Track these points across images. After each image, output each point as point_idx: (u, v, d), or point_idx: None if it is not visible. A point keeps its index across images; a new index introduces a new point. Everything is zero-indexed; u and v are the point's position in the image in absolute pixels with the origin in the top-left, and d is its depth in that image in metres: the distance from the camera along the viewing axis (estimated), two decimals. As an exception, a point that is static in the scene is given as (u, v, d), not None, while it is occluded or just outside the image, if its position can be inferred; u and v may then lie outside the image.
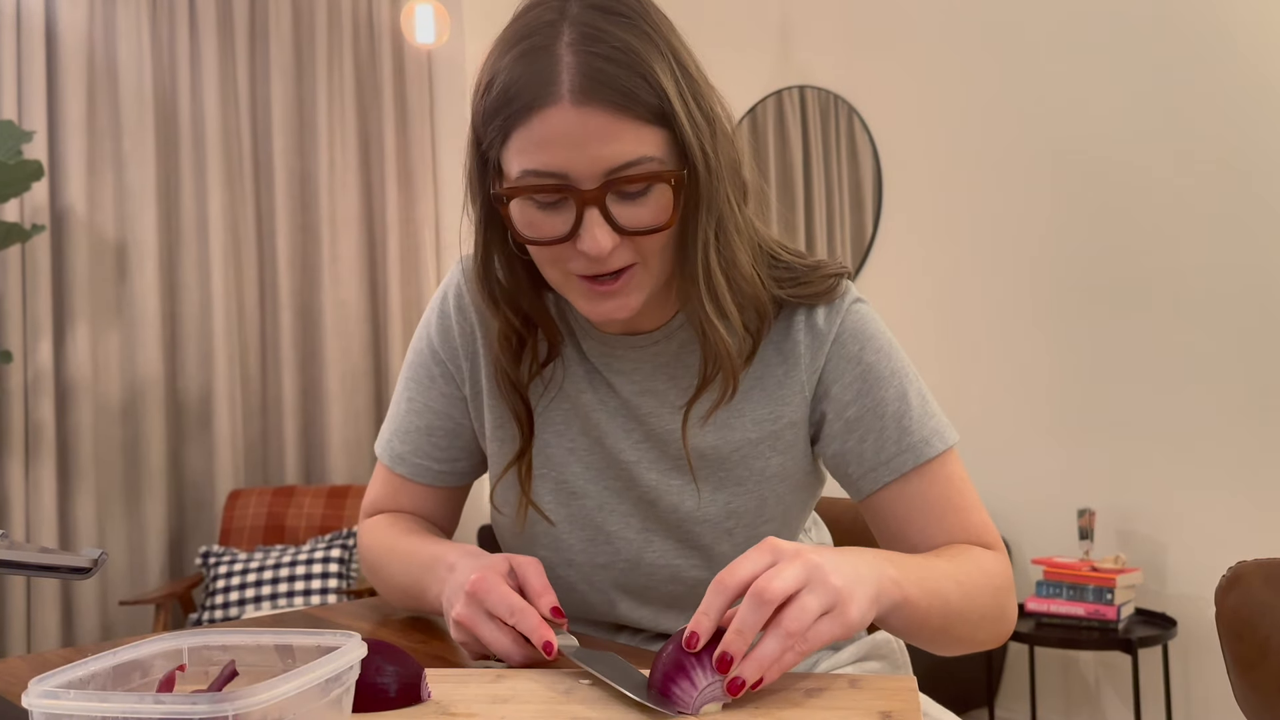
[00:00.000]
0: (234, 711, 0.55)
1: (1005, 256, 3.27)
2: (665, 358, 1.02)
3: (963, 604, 0.91)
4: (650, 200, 0.87)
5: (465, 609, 0.86)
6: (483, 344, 1.07)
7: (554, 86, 0.83)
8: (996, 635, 0.98)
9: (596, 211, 0.85)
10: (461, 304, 1.08)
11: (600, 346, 1.03)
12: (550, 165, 0.85)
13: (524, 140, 0.85)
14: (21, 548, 0.75)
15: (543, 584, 0.87)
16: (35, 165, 3.14)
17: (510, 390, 1.02)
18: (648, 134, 0.85)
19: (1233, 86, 2.79)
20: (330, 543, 3.53)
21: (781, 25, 3.82)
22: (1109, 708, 3.07)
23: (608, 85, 0.83)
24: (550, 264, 0.92)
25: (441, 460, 1.11)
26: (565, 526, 1.05)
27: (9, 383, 3.47)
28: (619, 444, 1.03)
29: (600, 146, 0.84)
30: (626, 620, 1.07)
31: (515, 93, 0.85)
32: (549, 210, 0.87)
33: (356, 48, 4.16)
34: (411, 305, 4.23)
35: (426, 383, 1.10)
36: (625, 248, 0.88)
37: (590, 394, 1.04)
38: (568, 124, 0.83)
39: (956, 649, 0.95)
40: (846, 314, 1.00)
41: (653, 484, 1.03)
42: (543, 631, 0.83)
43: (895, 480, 0.99)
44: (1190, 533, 2.89)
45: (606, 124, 0.83)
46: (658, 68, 0.85)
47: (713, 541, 1.03)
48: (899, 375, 1.00)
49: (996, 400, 3.28)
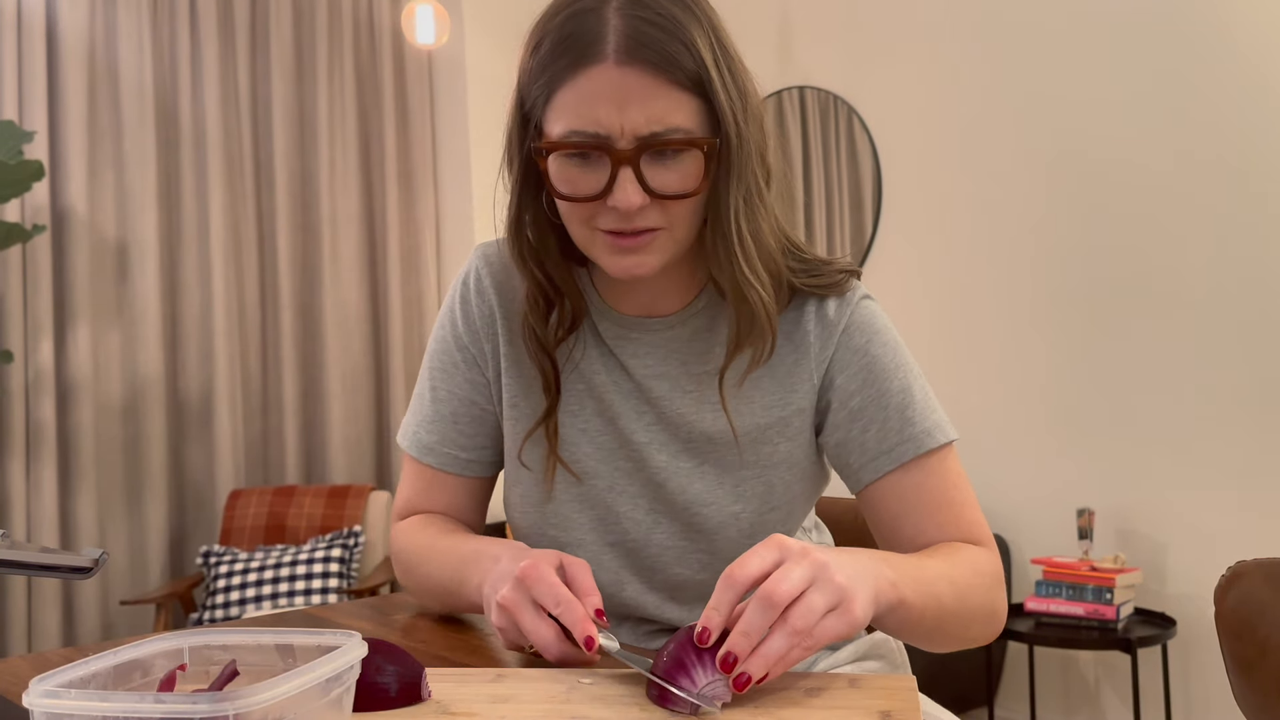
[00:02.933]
0: (234, 711, 0.55)
1: (1005, 256, 3.27)
2: (679, 343, 1.05)
3: (956, 603, 0.92)
4: (681, 165, 0.91)
5: (512, 593, 0.85)
6: (501, 324, 1.09)
7: (600, 45, 0.88)
8: (987, 632, 0.99)
9: (629, 170, 0.89)
10: (481, 287, 1.10)
11: (616, 328, 1.06)
12: (591, 122, 0.89)
13: (567, 97, 0.90)
14: (22, 547, 0.75)
15: (590, 584, 0.87)
16: (36, 165, 3.14)
17: (538, 349, 1.04)
18: (685, 100, 0.90)
19: (1233, 87, 2.79)
20: (331, 542, 3.53)
21: (781, 25, 3.82)
22: (1108, 707, 3.07)
23: (650, 47, 0.88)
24: (580, 221, 0.95)
25: (468, 448, 1.12)
26: (575, 506, 1.07)
27: (10, 382, 3.47)
28: (631, 425, 1.05)
29: (639, 107, 0.88)
30: (633, 606, 1.08)
31: (563, 50, 0.90)
32: (584, 167, 0.91)
33: (357, 48, 4.16)
34: (411, 305, 4.24)
35: (450, 369, 1.11)
36: (653, 209, 0.92)
37: (604, 375, 1.06)
38: (610, 82, 0.88)
39: (949, 646, 0.97)
40: (856, 307, 1.03)
41: (662, 465, 1.05)
42: (586, 626, 0.82)
43: (895, 470, 1.00)
44: (1190, 532, 2.89)
45: (647, 85, 0.88)
46: (698, 38, 0.90)
47: (719, 526, 1.04)
48: (903, 369, 1.02)
49: (996, 400, 3.28)
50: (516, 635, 0.87)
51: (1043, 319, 3.18)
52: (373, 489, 3.78)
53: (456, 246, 4.22)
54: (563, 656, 0.84)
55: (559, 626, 0.84)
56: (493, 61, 4.08)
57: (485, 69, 4.10)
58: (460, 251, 4.19)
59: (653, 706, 0.76)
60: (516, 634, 0.87)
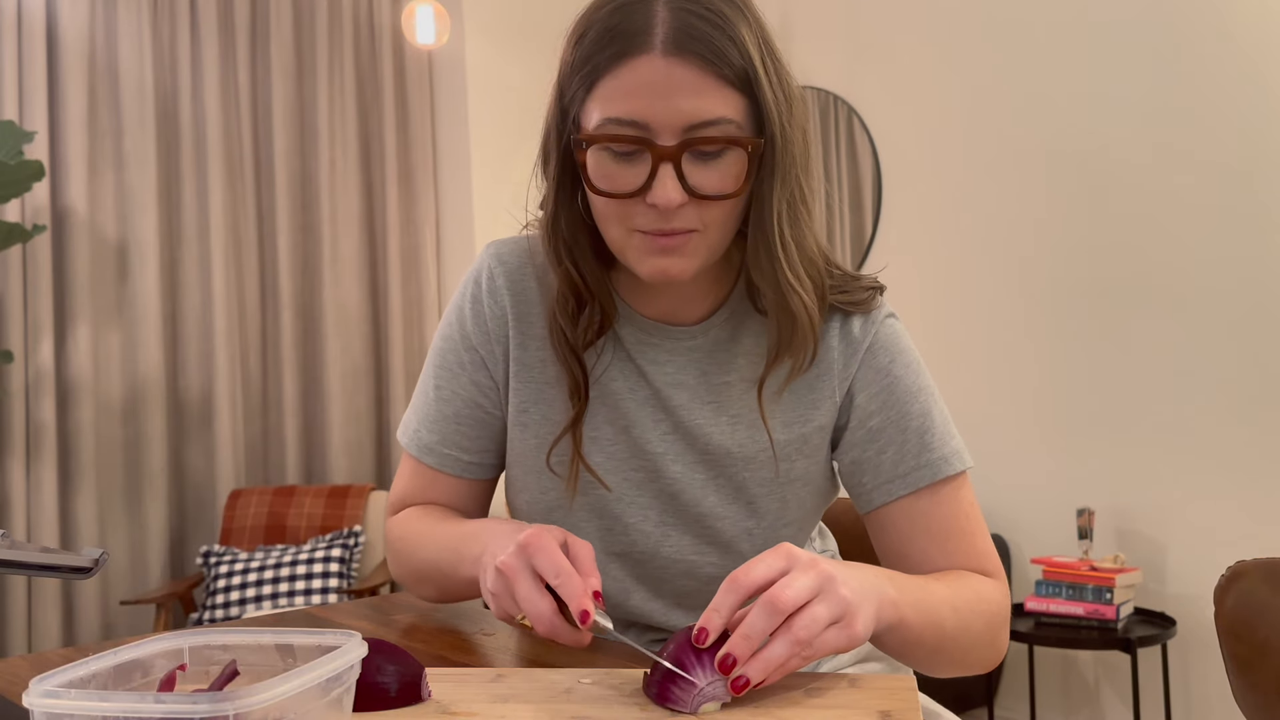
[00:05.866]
0: (235, 711, 0.55)
1: (1005, 256, 3.27)
2: (700, 353, 1.03)
3: (956, 630, 0.92)
4: (723, 165, 0.89)
5: (512, 559, 0.82)
6: (513, 326, 1.06)
7: (647, 37, 0.86)
8: (986, 661, 0.98)
9: (670, 167, 0.87)
10: (494, 287, 1.07)
11: (638, 334, 1.04)
12: (633, 113, 0.87)
13: (611, 87, 0.88)
14: (22, 547, 0.75)
15: (592, 565, 0.84)
16: (36, 165, 3.14)
17: (568, 352, 1.01)
18: (730, 97, 0.87)
19: (1233, 88, 2.79)
20: (331, 542, 3.53)
21: (782, 26, 3.82)
22: (1108, 707, 3.07)
23: (699, 40, 0.86)
24: (615, 220, 0.92)
25: (470, 450, 1.09)
26: (582, 515, 1.05)
27: (10, 383, 3.47)
28: (647, 434, 1.03)
29: (684, 100, 0.86)
30: (639, 614, 1.07)
31: (608, 40, 0.88)
32: (624, 163, 0.89)
33: (357, 48, 4.16)
34: (412, 305, 4.23)
35: (456, 369, 1.08)
36: (691, 210, 0.90)
37: (621, 382, 1.04)
38: (656, 73, 0.86)
39: (946, 672, 0.96)
40: (881, 326, 1.02)
41: (677, 476, 1.03)
42: (584, 601, 0.79)
43: (908, 495, 0.99)
44: (1189, 532, 2.89)
45: (693, 79, 0.86)
46: (746, 36, 0.88)
47: (732, 540, 1.03)
48: (925, 392, 1.01)
49: (996, 399, 3.28)
50: (509, 603, 0.84)
51: (1044, 318, 3.18)
52: (373, 489, 3.78)
53: (456, 246, 4.22)
54: (553, 631, 0.81)
55: (555, 601, 0.81)
56: (493, 61, 4.08)
57: (485, 69, 4.10)
58: (460, 251, 4.19)
59: (653, 706, 0.76)
60: (510, 601, 0.83)
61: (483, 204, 4.09)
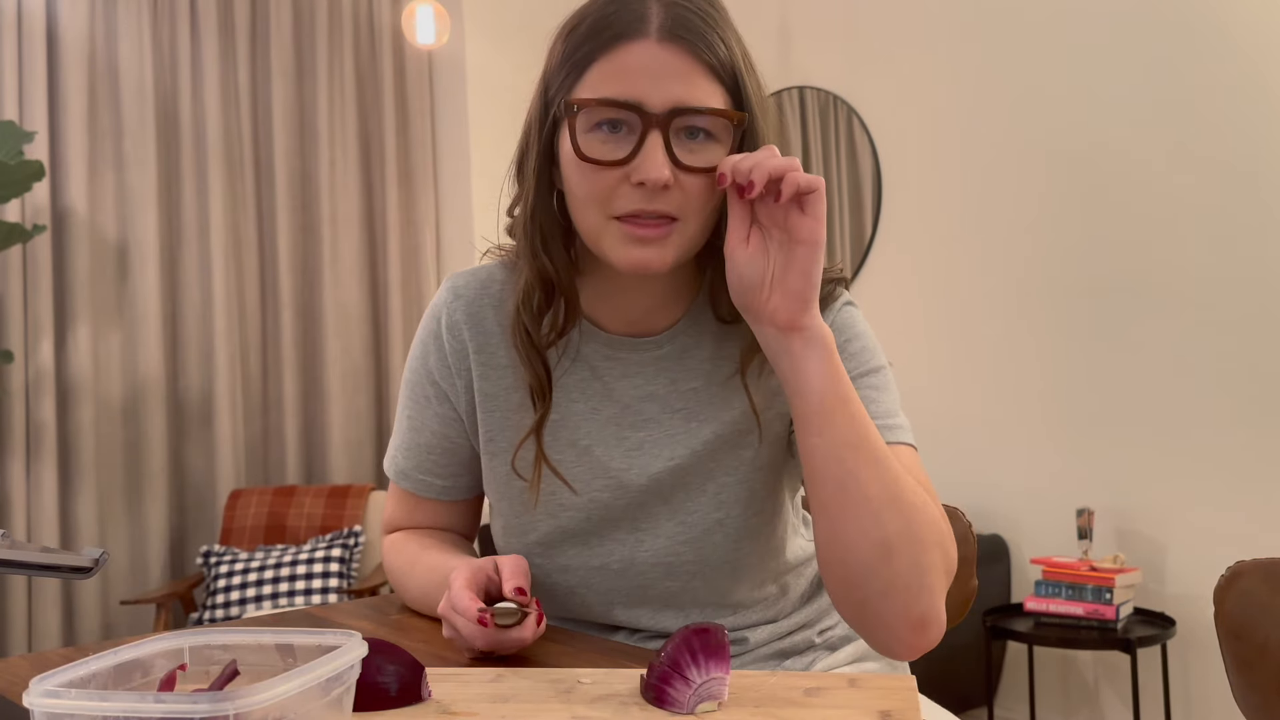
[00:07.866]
0: (235, 711, 0.56)
1: (1005, 256, 3.27)
2: (669, 360, 1.05)
3: (893, 484, 0.87)
4: (707, 151, 0.93)
5: (444, 613, 0.93)
6: (474, 358, 1.07)
7: (643, 24, 0.92)
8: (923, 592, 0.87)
9: (659, 138, 0.90)
10: (452, 322, 1.08)
11: (604, 349, 1.05)
12: (625, 93, 0.91)
13: (604, 69, 0.92)
14: (23, 547, 0.75)
15: (511, 571, 0.94)
16: (36, 165, 3.14)
17: (531, 350, 1.02)
18: (716, 89, 0.93)
19: (1232, 86, 2.79)
20: (331, 542, 3.53)
21: (781, 25, 3.82)
22: (1108, 707, 3.07)
23: (691, 31, 0.92)
24: (595, 204, 0.93)
25: (443, 476, 1.14)
26: (555, 536, 1.07)
27: (10, 383, 3.47)
28: (609, 452, 1.05)
29: (675, 83, 0.91)
30: (624, 621, 1.09)
31: (604, 26, 0.93)
32: (612, 138, 0.92)
33: (357, 49, 4.16)
34: (412, 305, 4.24)
35: (423, 402, 1.12)
36: (674, 193, 0.92)
37: (583, 403, 1.05)
38: (650, 57, 0.91)
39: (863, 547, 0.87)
40: (838, 313, 1.04)
41: (642, 488, 1.04)
42: (471, 616, 0.89)
43: None
44: (1189, 532, 2.89)
45: (684, 65, 0.91)
46: (730, 36, 0.95)
47: (704, 534, 1.04)
48: (877, 372, 1.02)
49: (996, 399, 3.28)
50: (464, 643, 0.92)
51: (1043, 318, 3.18)
52: (373, 489, 3.78)
53: (456, 246, 4.22)
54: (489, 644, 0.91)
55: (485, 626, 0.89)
56: (493, 61, 4.08)
57: (485, 69, 4.10)
58: (460, 251, 4.19)
59: (652, 706, 0.76)
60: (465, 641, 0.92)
61: (483, 204, 4.09)
